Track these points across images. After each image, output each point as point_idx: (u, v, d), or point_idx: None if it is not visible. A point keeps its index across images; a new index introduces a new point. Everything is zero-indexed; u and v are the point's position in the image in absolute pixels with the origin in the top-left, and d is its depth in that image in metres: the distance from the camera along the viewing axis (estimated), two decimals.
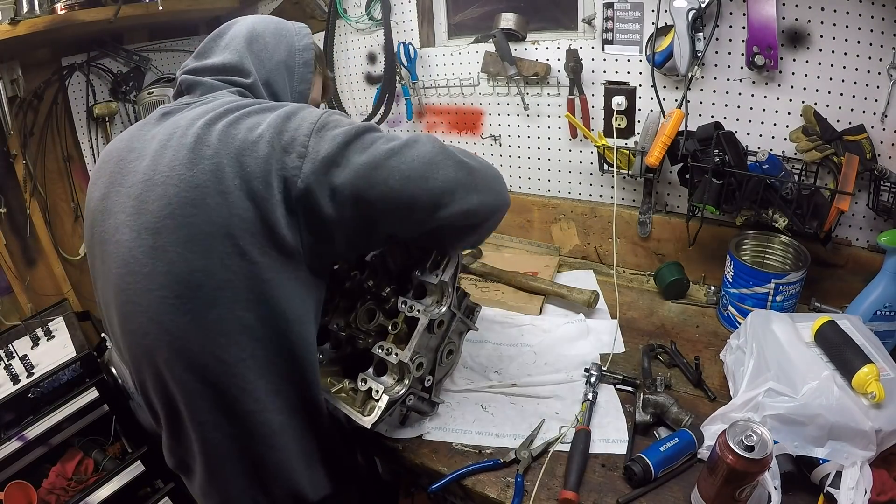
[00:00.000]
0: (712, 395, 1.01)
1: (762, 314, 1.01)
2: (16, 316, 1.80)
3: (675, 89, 1.30)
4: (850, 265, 1.20)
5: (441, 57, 1.65)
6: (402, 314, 0.91)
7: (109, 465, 1.51)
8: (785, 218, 1.12)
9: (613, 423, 0.97)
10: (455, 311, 0.95)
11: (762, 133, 1.25)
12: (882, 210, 1.11)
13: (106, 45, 1.94)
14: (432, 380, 0.96)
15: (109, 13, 1.56)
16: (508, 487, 0.86)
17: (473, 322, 1.03)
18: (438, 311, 0.90)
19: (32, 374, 1.42)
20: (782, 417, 0.81)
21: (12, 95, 1.73)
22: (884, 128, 1.10)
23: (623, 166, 1.38)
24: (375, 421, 0.84)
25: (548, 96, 1.51)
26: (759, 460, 0.70)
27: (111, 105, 1.97)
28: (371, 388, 0.87)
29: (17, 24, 1.44)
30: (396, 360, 0.86)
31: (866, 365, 0.80)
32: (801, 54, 1.13)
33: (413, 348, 0.87)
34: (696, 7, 1.13)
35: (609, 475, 0.87)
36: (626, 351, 1.18)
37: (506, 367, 1.14)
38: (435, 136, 0.80)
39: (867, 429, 0.75)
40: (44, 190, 1.90)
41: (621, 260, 1.51)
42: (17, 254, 1.84)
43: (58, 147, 1.91)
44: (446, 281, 0.90)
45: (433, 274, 0.91)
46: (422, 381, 0.94)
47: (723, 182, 1.15)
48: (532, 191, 1.67)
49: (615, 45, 1.34)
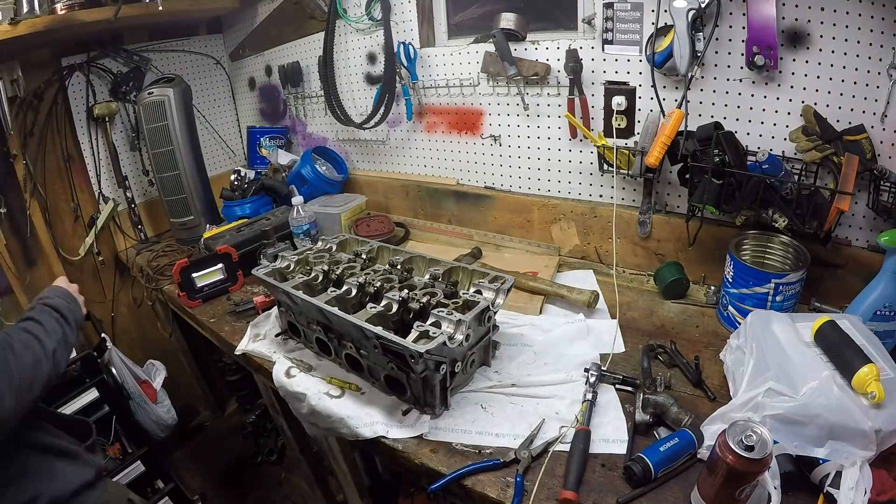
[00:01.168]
0: (712, 395, 1.01)
1: (762, 314, 1.01)
2: (16, 316, 1.80)
3: (675, 89, 1.30)
4: (850, 265, 1.20)
5: (441, 57, 1.65)
6: (464, 297, 1.05)
7: (109, 465, 1.51)
8: (785, 218, 1.12)
9: (613, 423, 0.97)
10: (495, 326, 1.12)
11: (762, 133, 1.25)
12: (882, 210, 1.11)
13: (106, 45, 1.94)
14: (451, 384, 1.01)
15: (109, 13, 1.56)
16: (508, 487, 0.86)
17: (492, 356, 1.15)
18: (495, 304, 1.04)
19: None
20: (782, 417, 0.81)
21: (12, 95, 1.74)
22: (884, 128, 1.10)
23: (623, 166, 1.38)
24: (430, 348, 0.89)
25: (548, 96, 1.51)
26: (758, 460, 0.70)
27: (111, 105, 1.97)
28: (428, 330, 0.95)
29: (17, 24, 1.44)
30: (458, 319, 0.97)
31: (866, 365, 0.80)
32: (801, 54, 1.13)
33: (471, 317, 0.97)
34: (696, 7, 1.13)
35: (609, 475, 0.87)
36: (626, 351, 1.18)
37: (506, 367, 1.14)
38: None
39: (867, 429, 0.75)
40: (44, 190, 1.90)
41: (621, 260, 1.51)
42: (17, 254, 1.84)
43: (58, 147, 1.91)
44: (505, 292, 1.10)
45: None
46: (463, 359, 1.03)
47: (723, 182, 1.15)
48: (532, 191, 1.67)
49: (615, 45, 1.34)
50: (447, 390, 1.01)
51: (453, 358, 1.00)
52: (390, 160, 2.00)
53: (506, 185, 1.72)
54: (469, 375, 1.10)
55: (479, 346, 1.09)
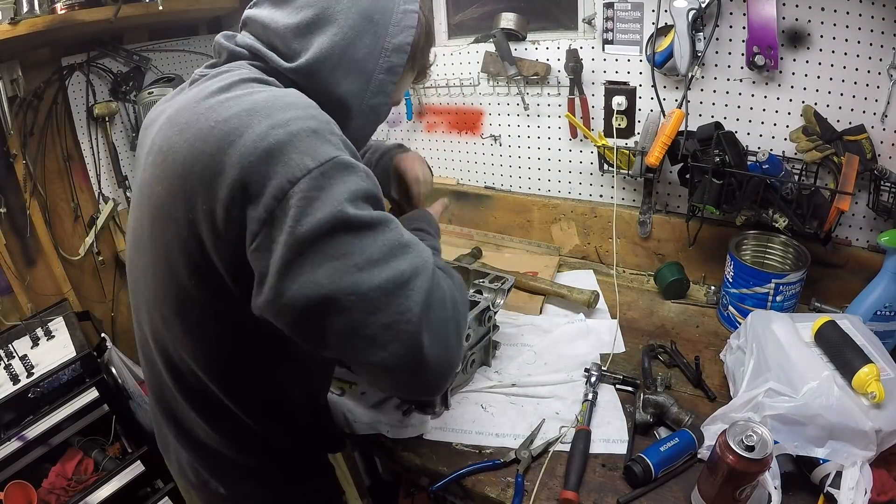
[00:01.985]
0: (712, 395, 1.01)
1: (762, 314, 1.01)
2: (16, 316, 1.80)
3: (676, 89, 1.30)
4: (850, 265, 1.20)
5: (441, 57, 1.65)
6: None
7: (109, 465, 1.51)
8: (785, 218, 1.12)
9: (613, 423, 0.97)
10: (495, 326, 1.11)
11: (762, 133, 1.25)
12: (882, 210, 1.11)
13: (106, 45, 1.93)
14: (451, 384, 1.01)
15: (109, 13, 1.56)
16: (508, 487, 0.86)
17: (492, 356, 1.14)
18: (495, 304, 1.04)
19: (32, 374, 1.42)
20: (782, 417, 0.81)
21: (12, 95, 1.73)
22: (884, 128, 1.10)
23: (623, 166, 1.37)
24: None
25: (548, 96, 1.51)
26: (759, 460, 0.70)
27: (111, 105, 1.97)
28: None
29: (17, 24, 1.43)
30: None
31: (866, 365, 0.80)
32: (801, 54, 1.13)
33: (471, 317, 0.96)
34: (696, 7, 1.13)
35: (609, 475, 0.87)
36: (626, 351, 1.18)
37: (506, 367, 1.14)
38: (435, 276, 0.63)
39: (867, 429, 0.75)
40: (44, 190, 1.89)
41: (621, 260, 1.51)
42: (17, 254, 1.84)
43: (58, 147, 1.91)
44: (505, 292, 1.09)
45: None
46: (463, 359, 1.02)
47: (723, 182, 1.15)
48: (532, 191, 1.67)
49: (615, 45, 1.34)
50: (447, 390, 1.01)
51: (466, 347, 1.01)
52: None
53: (506, 184, 1.72)
54: (469, 375, 1.10)
55: (480, 346, 1.09)
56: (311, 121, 0.59)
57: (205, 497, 0.89)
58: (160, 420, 0.87)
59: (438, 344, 0.60)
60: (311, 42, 0.67)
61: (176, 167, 0.60)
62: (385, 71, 0.71)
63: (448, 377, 0.65)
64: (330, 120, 0.62)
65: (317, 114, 0.61)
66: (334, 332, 0.57)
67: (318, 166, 0.55)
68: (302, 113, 0.59)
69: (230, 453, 0.82)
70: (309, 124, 0.58)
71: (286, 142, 0.56)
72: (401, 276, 0.57)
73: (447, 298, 0.64)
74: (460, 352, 0.67)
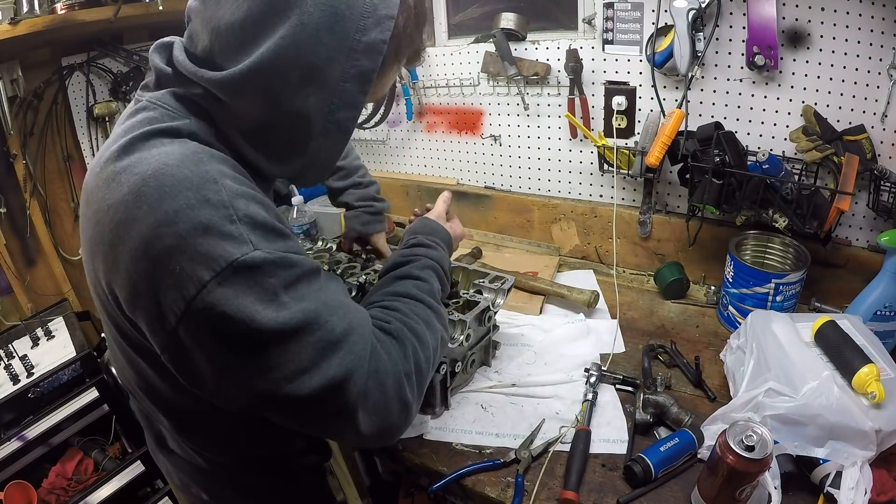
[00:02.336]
0: (712, 395, 1.01)
1: (762, 314, 1.01)
2: (16, 316, 1.80)
3: (675, 89, 1.30)
4: (850, 265, 1.20)
5: (441, 57, 1.65)
6: (464, 297, 1.06)
7: (109, 465, 1.51)
8: (785, 218, 1.12)
9: (613, 423, 0.97)
10: (495, 326, 1.12)
11: (762, 133, 1.25)
12: (882, 210, 1.11)
13: (106, 45, 1.93)
14: (451, 384, 1.01)
15: (109, 13, 1.56)
16: (508, 487, 0.86)
17: (492, 356, 1.15)
18: (495, 304, 1.05)
19: (32, 374, 1.42)
20: (782, 417, 0.81)
21: (12, 95, 1.73)
22: (884, 128, 1.10)
23: (623, 166, 1.37)
24: None
25: (548, 96, 1.51)
26: (759, 460, 0.70)
27: (111, 105, 1.96)
28: None
29: (17, 24, 1.43)
30: (458, 319, 0.97)
31: (866, 365, 0.80)
32: (801, 54, 1.13)
33: (471, 317, 0.97)
34: (696, 7, 1.13)
35: (609, 475, 0.87)
36: (626, 351, 1.18)
37: (506, 367, 1.14)
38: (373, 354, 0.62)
39: (867, 429, 0.75)
40: (44, 190, 1.90)
41: (621, 260, 1.51)
42: (17, 254, 1.84)
43: (58, 147, 1.91)
44: (505, 292, 1.10)
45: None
46: (463, 359, 1.03)
47: (723, 182, 1.15)
48: (532, 191, 1.67)
49: (615, 45, 1.34)
50: (447, 390, 1.01)
51: (453, 358, 1.00)
52: (390, 160, 1.99)
53: (506, 184, 1.72)
54: (469, 375, 1.10)
55: (480, 346, 1.09)
56: (203, 209, 0.50)
57: (190, 500, 0.89)
58: (143, 423, 0.87)
59: (374, 423, 0.61)
60: (256, 43, 0.53)
61: (86, 235, 0.60)
62: (353, 78, 0.56)
63: (395, 437, 0.66)
64: (233, 191, 0.53)
65: (211, 193, 0.51)
66: (275, 416, 0.61)
67: (213, 277, 0.49)
68: (193, 197, 0.50)
69: (208, 466, 0.80)
70: (200, 216, 0.50)
71: (174, 247, 0.49)
72: (332, 381, 0.56)
73: (389, 379, 0.62)
74: (409, 412, 0.66)
